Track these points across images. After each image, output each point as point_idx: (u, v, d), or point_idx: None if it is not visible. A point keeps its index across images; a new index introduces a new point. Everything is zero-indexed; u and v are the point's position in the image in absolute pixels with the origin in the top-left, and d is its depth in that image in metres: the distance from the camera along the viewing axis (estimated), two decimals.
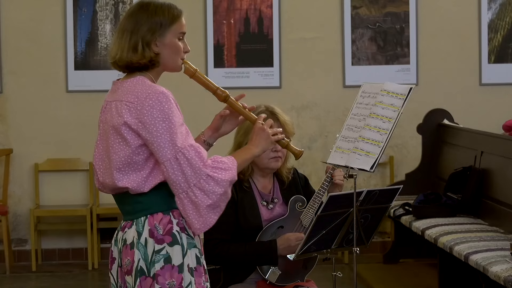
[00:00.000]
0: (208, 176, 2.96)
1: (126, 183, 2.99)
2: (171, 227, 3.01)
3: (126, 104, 2.98)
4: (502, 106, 7.59)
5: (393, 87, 3.67)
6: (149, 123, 2.94)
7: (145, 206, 3.02)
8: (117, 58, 3.03)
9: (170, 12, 3.05)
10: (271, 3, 7.49)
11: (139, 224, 3.01)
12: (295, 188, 4.07)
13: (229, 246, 3.89)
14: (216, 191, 2.97)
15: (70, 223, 7.36)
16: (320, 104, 7.57)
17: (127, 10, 3.10)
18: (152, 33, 3.01)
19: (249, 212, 3.94)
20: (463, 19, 7.65)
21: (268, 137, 3.19)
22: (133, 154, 2.97)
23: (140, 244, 3.00)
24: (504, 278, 4.43)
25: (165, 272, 2.98)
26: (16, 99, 7.40)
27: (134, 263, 2.99)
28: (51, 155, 7.39)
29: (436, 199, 6.18)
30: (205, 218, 2.98)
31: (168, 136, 2.94)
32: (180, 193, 2.96)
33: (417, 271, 6.86)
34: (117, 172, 2.99)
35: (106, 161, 3.04)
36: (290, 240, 3.89)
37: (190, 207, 2.97)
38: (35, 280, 6.98)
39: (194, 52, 7.55)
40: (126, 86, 3.03)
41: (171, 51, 3.06)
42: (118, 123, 2.98)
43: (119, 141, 2.99)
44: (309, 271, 4.05)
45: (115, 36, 3.06)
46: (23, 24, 7.38)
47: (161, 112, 2.94)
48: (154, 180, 3.00)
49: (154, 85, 3.01)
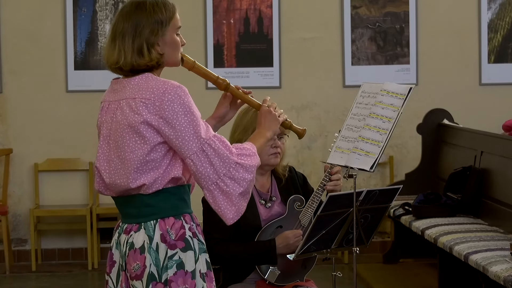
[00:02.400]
0: (237, 164, 2.95)
1: (144, 181, 2.92)
2: (184, 232, 2.96)
3: (142, 101, 2.91)
4: (502, 106, 7.59)
5: (393, 87, 3.67)
6: (172, 118, 2.89)
7: (154, 210, 2.96)
8: (122, 63, 2.96)
9: (166, 9, 3.02)
10: (271, 3, 7.50)
11: (149, 228, 2.95)
12: (293, 187, 4.07)
13: (228, 245, 3.89)
14: (246, 177, 2.96)
15: (70, 223, 7.36)
16: (320, 104, 7.58)
17: (120, 11, 3.02)
18: (155, 34, 2.98)
19: (248, 211, 3.91)
20: (463, 19, 7.65)
21: (276, 119, 3.22)
22: (151, 152, 2.91)
23: (151, 249, 2.93)
24: (504, 278, 4.43)
25: (178, 278, 2.93)
26: (16, 99, 7.40)
27: (146, 268, 2.93)
28: (51, 155, 7.39)
29: (436, 199, 6.18)
30: (238, 206, 2.97)
31: (192, 129, 2.90)
32: (209, 185, 2.93)
33: (417, 271, 6.86)
34: (135, 171, 2.92)
35: (116, 161, 2.97)
36: (288, 237, 3.89)
37: (221, 198, 2.94)
38: (35, 280, 6.98)
39: (194, 52, 7.59)
40: (136, 83, 2.96)
41: (172, 48, 3.03)
42: (135, 121, 2.90)
43: (135, 139, 2.91)
44: (308, 270, 4.05)
45: (111, 40, 2.98)
46: (23, 24, 7.38)
47: (182, 106, 2.89)
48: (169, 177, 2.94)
49: (168, 80, 2.96)
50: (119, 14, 3.02)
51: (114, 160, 2.98)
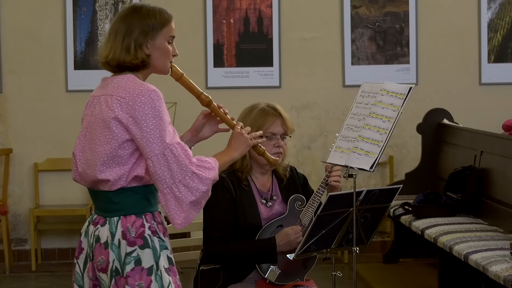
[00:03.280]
0: (194, 173, 3.06)
1: (108, 176, 3.08)
2: (143, 231, 3.11)
3: (117, 99, 3.07)
4: (502, 106, 7.60)
5: (392, 87, 3.67)
6: (140, 118, 3.03)
7: (118, 207, 3.12)
8: (110, 58, 3.13)
9: (161, 16, 3.17)
10: (271, 3, 7.50)
11: (112, 225, 3.11)
12: (294, 187, 4.07)
13: (228, 244, 3.89)
14: (200, 188, 3.07)
15: (70, 223, 7.36)
16: (320, 103, 7.58)
17: (119, 13, 3.22)
18: (144, 35, 3.13)
19: (248, 210, 3.94)
20: (462, 19, 7.65)
21: (246, 141, 3.33)
22: (118, 148, 3.06)
23: (114, 245, 3.09)
24: (503, 278, 4.43)
25: (135, 273, 3.07)
26: (16, 99, 7.41)
27: (109, 263, 3.09)
28: (51, 155, 7.40)
29: (436, 198, 6.18)
30: (187, 214, 3.07)
31: (158, 132, 3.03)
32: (164, 188, 3.05)
33: (417, 271, 6.86)
34: (101, 164, 3.08)
35: (88, 153, 3.14)
36: (289, 234, 3.89)
37: (173, 202, 3.06)
38: (35, 280, 6.98)
39: (194, 51, 7.60)
40: (117, 81, 3.12)
41: (161, 53, 3.17)
42: (108, 116, 3.07)
43: (105, 134, 3.08)
44: (308, 270, 4.05)
45: (107, 38, 3.17)
46: (23, 24, 7.38)
47: (152, 109, 3.03)
48: (132, 174, 3.09)
49: (145, 83, 3.11)
50: (117, 16, 3.21)
51: (87, 151, 3.15)
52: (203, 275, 3.96)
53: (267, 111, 3.97)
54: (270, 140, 3.92)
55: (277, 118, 3.97)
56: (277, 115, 3.96)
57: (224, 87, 7.33)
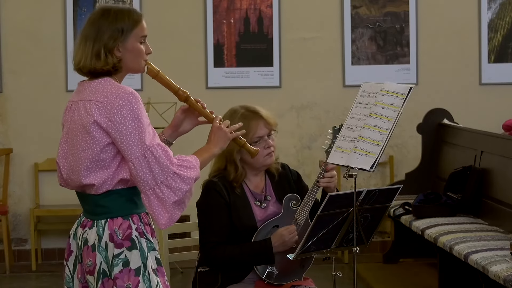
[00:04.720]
0: (175, 174, 3.07)
1: (93, 180, 3.09)
2: (130, 232, 3.13)
3: (95, 104, 3.08)
4: (502, 106, 7.60)
5: (393, 87, 3.67)
6: (119, 122, 3.04)
7: (105, 210, 3.13)
8: (81, 65, 3.13)
9: (130, 18, 3.15)
10: (271, 3, 7.50)
11: (100, 227, 3.13)
12: (288, 184, 4.06)
13: (225, 248, 3.88)
14: (182, 188, 3.08)
15: (70, 223, 7.29)
16: (320, 103, 7.58)
17: (89, 17, 3.21)
18: (114, 40, 3.12)
19: (243, 213, 3.93)
20: (463, 19, 7.65)
21: (226, 135, 3.32)
22: (101, 152, 3.07)
23: (101, 248, 3.12)
24: (504, 278, 4.43)
25: (123, 275, 3.09)
26: (16, 99, 7.41)
27: (96, 266, 3.11)
28: (51, 154, 7.39)
29: (436, 198, 6.18)
30: (171, 214, 3.09)
31: (137, 134, 3.04)
32: (147, 190, 3.07)
33: (417, 271, 6.86)
34: (85, 169, 3.09)
35: (71, 159, 3.15)
36: (283, 235, 3.88)
37: (156, 203, 3.07)
38: (35, 280, 6.98)
39: (194, 51, 7.57)
40: (94, 86, 3.12)
41: (134, 54, 3.16)
42: (87, 121, 3.08)
43: (86, 139, 3.08)
44: (306, 269, 4.05)
45: (78, 44, 3.16)
46: (23, 24, 7.38)
47: (130, 112, 3.04)
48: (118, 177, 3.10)
49: (123, 86, 3.11)
50: (87, 20, 3.19)
51: (69, 158, 3.16)
52: (201, 276, 3.96)
53: (248, 116, 3.90)
54: (259, 143, 3.90)
55: (259, 120, 3.92)
56: (258, 117, 3.92)
57: (224, 87, 7.33)
